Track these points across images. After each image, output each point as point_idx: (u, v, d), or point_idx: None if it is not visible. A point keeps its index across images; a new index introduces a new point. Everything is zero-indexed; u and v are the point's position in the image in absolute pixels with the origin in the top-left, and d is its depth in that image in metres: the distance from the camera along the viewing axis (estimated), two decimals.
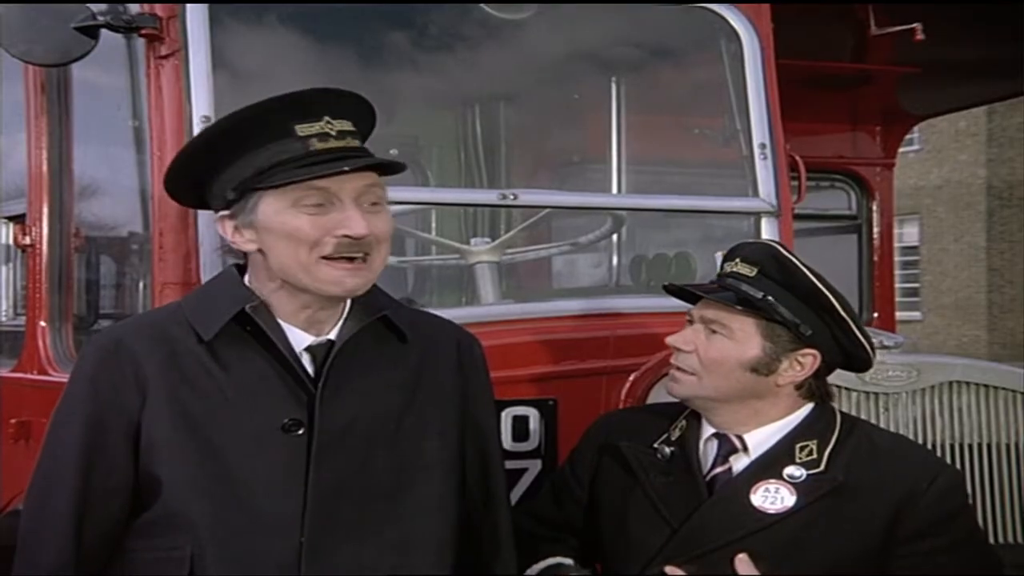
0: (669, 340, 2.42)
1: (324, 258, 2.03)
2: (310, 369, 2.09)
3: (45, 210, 3.50)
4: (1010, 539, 2.85)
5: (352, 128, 2.09)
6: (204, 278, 2.87)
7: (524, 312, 3.28)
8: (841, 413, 2.45)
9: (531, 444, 2.94)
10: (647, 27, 3.73)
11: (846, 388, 2.74)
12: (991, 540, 2.82)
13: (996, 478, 2.87)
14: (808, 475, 2.30)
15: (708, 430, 2.40)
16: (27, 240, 3.52)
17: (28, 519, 2.09)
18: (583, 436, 2.58)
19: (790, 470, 2.31)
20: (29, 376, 3.54)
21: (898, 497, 2.29)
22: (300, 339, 2.11)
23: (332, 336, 2.13)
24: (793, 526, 2.27)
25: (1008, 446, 2.88)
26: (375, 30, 3.55)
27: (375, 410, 2.12)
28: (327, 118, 2.05)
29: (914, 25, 4.02)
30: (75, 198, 3.57)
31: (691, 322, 2.43)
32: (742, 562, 2.24)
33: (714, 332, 2.36)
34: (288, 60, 3.42)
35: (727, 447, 2.37)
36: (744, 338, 2.34)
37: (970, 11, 4.16)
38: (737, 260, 2.40)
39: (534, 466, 2.94)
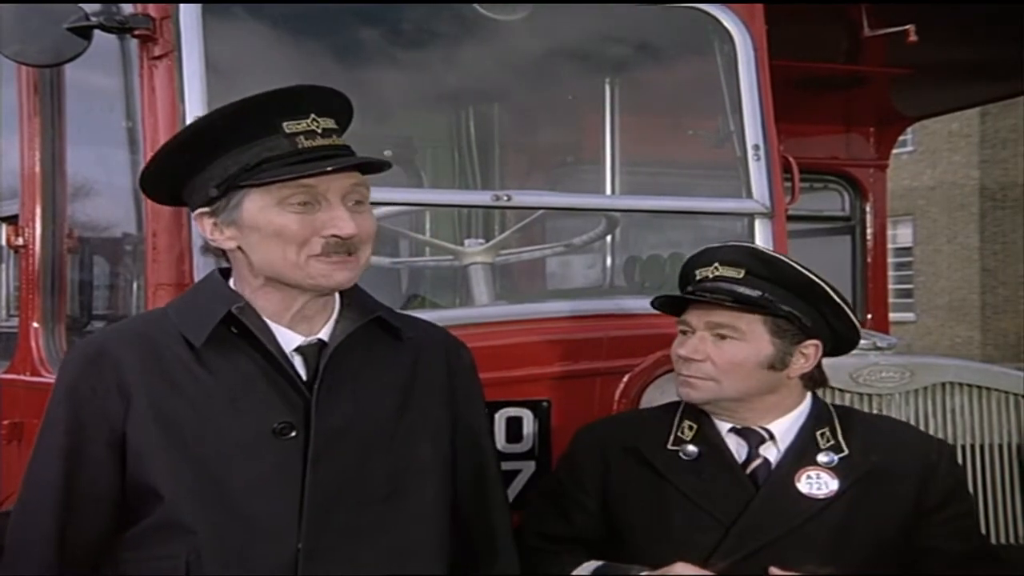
0: (679, 352, 2.42)
1: (312, 256, 2.02)
2: (302, 370, 2.06)
3: (38, 211, 3.48)
4: (1003, 539, 2.85)
5: (335, 126, 2.08)
6: (198, 279, 2.86)
7: (518, 313, 3.27)
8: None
9: (525, 446, 2.94)
10: (640, 28, 3.73)
11: (839, 389, 2.74)
12: None
13: (989, 479, 2.87)
14: (838, 459, 2.38)
15: (725, 426, 2.42)
16: (20, 241, 3.50)
17: (13, 525, 2.08)
18: (574, 451, 2.55)
19: (820, 457, 2.39)
20: (22, 377, 3.52)
21: (917, 471, 2.40)
22: (289, 339, 2.07)
23: (323, 336, 2.09)
24: (839, 509, 2.34)
25: (1001, 447, 2.89)
26: (368, 31, 3.55)
27: (371, 412, 2.08)
28: (313, 115, 2.04)
29: (907, 27, 4.02)
30: (68, 199, 3.56)
31: (687, 332, 2.43)
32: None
33: (723, 337, 2.38)
34: (282, 61, 3.41)
35: (755, 439, 2.41)
36: (755, 338, 2.37)
37: (963, 13, 4.16)
38: (716, 265, 2.41)
39: (528, 467, 2.93)
